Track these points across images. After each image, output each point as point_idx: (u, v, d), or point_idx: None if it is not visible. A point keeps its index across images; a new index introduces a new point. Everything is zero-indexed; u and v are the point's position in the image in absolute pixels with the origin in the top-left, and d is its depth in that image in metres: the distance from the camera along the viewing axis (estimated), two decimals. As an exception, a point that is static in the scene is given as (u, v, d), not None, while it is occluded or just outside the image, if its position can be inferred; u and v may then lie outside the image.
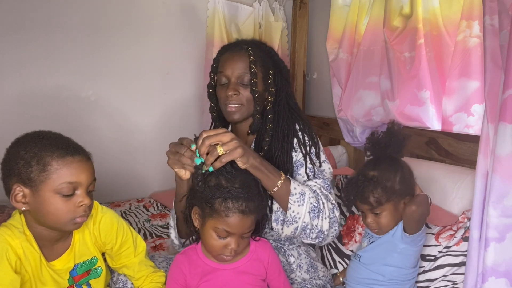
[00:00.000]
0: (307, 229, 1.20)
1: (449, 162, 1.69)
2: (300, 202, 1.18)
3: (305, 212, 1.18)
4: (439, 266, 1.32)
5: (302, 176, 1.29)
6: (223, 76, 1.33)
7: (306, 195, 1.18)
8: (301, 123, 1.35)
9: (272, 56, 1.38)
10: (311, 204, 1.19)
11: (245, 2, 2.69)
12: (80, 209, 0.99)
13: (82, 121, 2.37)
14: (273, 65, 1.36)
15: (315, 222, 1.19)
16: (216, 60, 1.40)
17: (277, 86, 1.34)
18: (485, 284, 1.07)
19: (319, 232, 1.20)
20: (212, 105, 1.43)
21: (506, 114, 0.99)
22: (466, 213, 1.35)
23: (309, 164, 1.29)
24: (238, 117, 1.32)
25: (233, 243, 1.06)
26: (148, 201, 2.45)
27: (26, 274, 1.01)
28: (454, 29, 1.68)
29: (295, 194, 1.18)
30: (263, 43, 1.42)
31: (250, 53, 1.29)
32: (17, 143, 0.98)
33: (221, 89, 1.34)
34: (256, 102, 1.29)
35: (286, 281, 1.19)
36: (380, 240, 1.29)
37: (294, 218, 1.18)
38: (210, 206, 1.05)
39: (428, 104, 1.78)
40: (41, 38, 2.24)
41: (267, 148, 1.31)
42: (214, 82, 1.40)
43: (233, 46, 1.37)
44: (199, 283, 1.10)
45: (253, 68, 1.28)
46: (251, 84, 1.28)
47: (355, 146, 2.24)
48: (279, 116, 1.33)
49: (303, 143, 1.31)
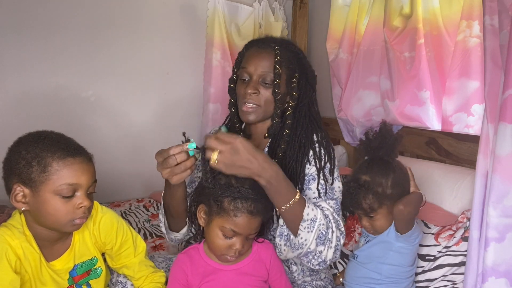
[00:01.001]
0: (310, 254, 1.13)
1: (449, 162, 1.69)
2: (310, 229, 1.10)
3: (312, 239, 1.11)
4: (439, 266, 1.32)
5: (313, 191, 1.21)
6: (245, 72, 1.26)
7: (317, 222, 1.10)
8: (320, 134, 1.27)
9: (300, 59, 1.30)
10: (320, 231, 1.11)
11: (245, 2, 2.69)
12: (79, 211, 0.99)
13: (82, 121, 2.37)
14: (299, 68, 1.29)
15: (320, 249, 1.12)
16: (241, 54, 1.33)
17: (301, 91, 1.28)
18: (485, 284, 1.07)
19: (322, 261, 1.14)
20: (232, 101, 1.34)
21: (506, 114, 0.99)
22: (466, 213, 1.35)
23: (321, 180, 1.22)
24: (253, 118, 1.26)
25: (238, 243, 1.05)
26: (148, 201, 2.45)
27: (26, 274, 1.01)
28: (454, 29, 1.68)
29: (306, 220, 1.10)
30: (293, 44, 1.33)
31: (277, 52, 1.23)
32: (19, 142, 0.99)
33: (241, 85, 1.27)
34: (277, 105, 1.23)
35: (287, 283, 1.19)
36: (375, 240, 1.29)
37: (301, 245, 1.11)
38: (218, 204, 1.04)
39: (428, 104, 1.78)
40: (41, 39, 2.23)
41: (281, 155, 1.24)
42: (236, 76, 1.32)
43: (260, 43, 1.29)
44: (200, 283, 1.10)
45: (278, 68, 1.22)
46: (274, 86, 1.22)
47: (355, 146, 2.24)
48: (298, 123, 1.27)
49: (319, 156, 1.24)
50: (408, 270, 1.28)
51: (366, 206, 1.25)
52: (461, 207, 1.47)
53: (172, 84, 2.64)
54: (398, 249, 1.25)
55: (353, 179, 1.29)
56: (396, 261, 1.26)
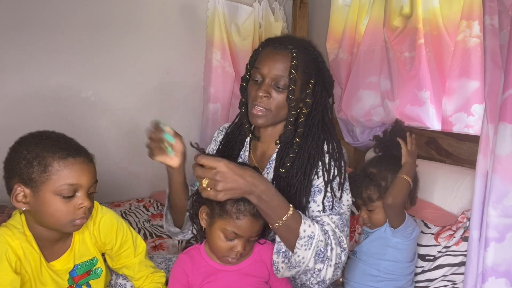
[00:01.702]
0: (308, 273, 1.07)
1: (449, 162, 1.69)
2: (307, 246, 1.03)
3: (310, 256, 1.03)
4: (439, 266, 1.32)
5: (318, 204, 1.14)
6: (258, 72, 1.18)
7: (315, 238, 1.03)
8: (331, 145, 1.19)
9: (318, 63, 1.22)
10: (318, 248, 1.04)
11: (245, 2, 2.68)
12: (79, 211, 0.99)
13: (82, 121, 2.37)
14: (316, 73, 1.20)
15: (319, 267, 1.05)
16: (256, 53, 1.25)
17: (315, 98, 1.19)
18: (485, 284, 1.07)
19: (321, 281, 1.07)
20: (243, 100, 1.27)
21: (506, 114, 1.00)
22: (466, 213, 1.35)
23: (328, 193, 1.14)
24: (262, 122, 1.19)
25: (239, 245, 1.05)
26: (148, 201, 2.45)
27: (26, 275, 1.01)
28: (454, 29, 1.68)
29: (303, 238, 1.03)
30: (312, 46, 1.24)
31: (293, 55, 1.14)
32: (20, 142, 0.98)
33: (252, 86, 1.20)
34: (291, 112, 1.17)
35: (288, 284, 1.19)
36: (373, 236, 1.32)
37: (298, 263, 1.04)
38: (221, 206, 1.03)
39: (428, 104, 1.78)
40: (42, 39, 2.23)
41: (289, 165, 1.17)
42: (249, 75, 1.24)
43: (277, 43, 1.20)
44: (201, 283, 1.10)
45: (293, 73, 1.14)
46: (289, 92, 1.15)
47: (355, 146, 2.24)
48: (309, 132, 1.19)
49: (327, 169, 1.16)
50: (406, 266, 1.29)
51: (365, 196, 1.30)
52: (461, 207, 1.47)
53: (172, 84, 2.63)
54: (395, 245, 1.28)
55: (361, 170, 1.34)
56: (394, 257, 1.28)
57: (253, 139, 1.29)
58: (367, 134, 2.11)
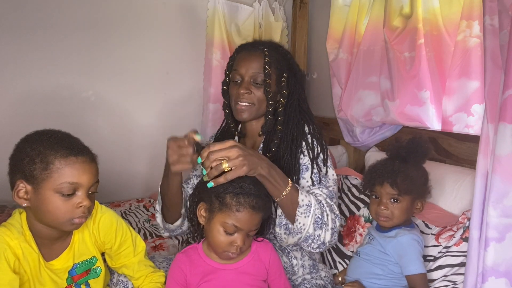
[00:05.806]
0: (309, 239, 1.20)
1: (449, 162, 1.69)
2: (306, 214, 1.17)
3: (310, 223, 1.17)
4: (440, 266, 1.32)
5: (307, 180, 1.28)
6: (237, 74, 1.35)
7: (312, 206, 1.18)
8: (311, 126, 1.35)
9: (288, 60, 1.39)
10: (316, 216, 1.18)
11: (245, 2, 2.68)
12: (79, 210, 0.99)
13: (82, 121, 2.37)
14: (287, 68, 1.37)
15: (318, 233, 1.19)
16: (232, 58, 1.42)
17: (290, 89, 1.35)
18: (485, 284, 1.06)
19: (321, 243, 1.20)
20: (226, 102, 1.42)
21: (506, 114, 0.99)
22: (466, 214, 1.35)
23: (315, 169, 1.28)
24: (247, 116, 1.33)
25: (239, 239, 1.06)
26: (148, 201, 2.45)
27: (25, 275, 1.01)
28: (454, 29, 1.68)
29: (302, 206, 1.17)
30: (280, 46, 1.42)
31: (265, 54, 1.31)
32: (25, 140, 1.00)
33: (233, 87, 1.36)
34: (269, 102, 1.31)
35: (286, 282, 1.19)
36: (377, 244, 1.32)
37: (299, 229, 1.18)
38: (220, 200, 1.06)
39: (428, 104, 1.78)
40: (42, 38, 2.23)
41: (275, 149, 1.31)
42: (228, 79, 1.40)
43: (249, 46, 1.39)
44: (199, 282, 1.10)
45: (268, 69, 1.30)
46: (265, 85, 1.30)
47: (355, 146, 2.24)
48: (289, 118, 1.34)
49: (311, 147, 1.31)
50: None
51: (403, 185, 1.23)
52: (461, 207, 1.46)
53: (172, 84, 2.64)
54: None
55: (401, 157, 1.29)
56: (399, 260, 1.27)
57: (241, 136, 1.44)
58: (367, 134, 2.11)
